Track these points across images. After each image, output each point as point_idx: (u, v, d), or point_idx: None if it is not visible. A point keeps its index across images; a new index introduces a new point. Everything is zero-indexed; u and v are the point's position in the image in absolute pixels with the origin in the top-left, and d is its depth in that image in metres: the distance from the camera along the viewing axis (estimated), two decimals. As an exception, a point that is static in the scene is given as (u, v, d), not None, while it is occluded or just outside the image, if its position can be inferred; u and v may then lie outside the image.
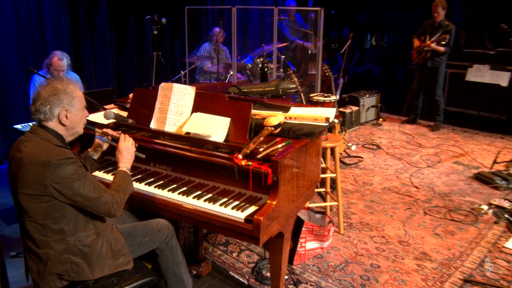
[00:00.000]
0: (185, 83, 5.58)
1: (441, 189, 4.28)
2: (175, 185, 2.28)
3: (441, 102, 6.20)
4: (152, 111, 2.49)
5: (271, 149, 2.08)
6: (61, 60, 3.79)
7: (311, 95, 4.15)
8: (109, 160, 2.54)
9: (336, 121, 2.54)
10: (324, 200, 3.79)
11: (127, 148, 2.10)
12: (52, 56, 3.80)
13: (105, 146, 2.26)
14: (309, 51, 6.67)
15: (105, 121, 2.51)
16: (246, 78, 5.96)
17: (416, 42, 6.07)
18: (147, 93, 2.58)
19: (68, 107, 1.85)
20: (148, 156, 2.26)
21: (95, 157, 2.29)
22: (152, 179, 2.36)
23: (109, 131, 2.22)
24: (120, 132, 2.24)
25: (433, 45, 5.77)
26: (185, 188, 2.25)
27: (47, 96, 1.81)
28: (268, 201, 1.99)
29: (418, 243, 3.28)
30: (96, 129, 2.20)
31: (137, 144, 2.18)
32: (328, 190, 3.62)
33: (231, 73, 5.78)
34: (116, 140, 2.16)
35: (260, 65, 5.12)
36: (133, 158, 2.12)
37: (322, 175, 3.08)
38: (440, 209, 3.85)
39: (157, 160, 2.36)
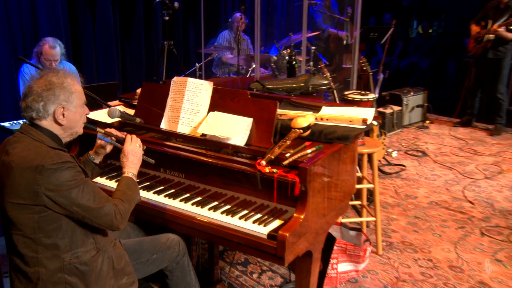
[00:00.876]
0: (200, 77, 5.62)
1: (502, 205, 4.17)
2: (188, 195, 2.29)
3: (504, 101, 6.05)
4: (163, 109, 2.51)
5: (299, 154, 2.07)
6: (53, 48, 3.82)
7: (346, 92, 4.12)
8: (112, 164, 2.57)
9: (374, 123, 2.51)
10: (360, 215, 3.76)
11: (133, 151, 2.11)
12: (43, 44, 3.83)
13: (109, 148, 2.27)
14: (344, 41, 6.64)
15: (109, 120, 2.54)
16: (270, 72, 5.96)
17: (475, 29, 5.91)
18: (157, 88, 2.60)
19: (65, 103, 1.85)
20: (158, 161, 2.27)
21: (97, 161, 2.31)
22: (161, 187, 2.37)
23: (113, 131, 2.23)
24: (126, 132, 2.26)
25: (502, 29, 5.60)
26: (199, 198, 2.26)
27: (41, 91, 1.81)
28: (295, 215, 1.98)
29: (474, 270, 3.20)
30: (98, 129, 2.21)
31: (145, 147, 2.19)
32: (365, 203, 3.59)
33: (254, 66, 5.78)
34: (121, 141, 2.16)
35: (287, 58, 5.13)
36: (140, 162, 2.13)
37: (358, 186, 3.05)
38: (502, 229, 3.75)
39: (168, 165, 2.37)
